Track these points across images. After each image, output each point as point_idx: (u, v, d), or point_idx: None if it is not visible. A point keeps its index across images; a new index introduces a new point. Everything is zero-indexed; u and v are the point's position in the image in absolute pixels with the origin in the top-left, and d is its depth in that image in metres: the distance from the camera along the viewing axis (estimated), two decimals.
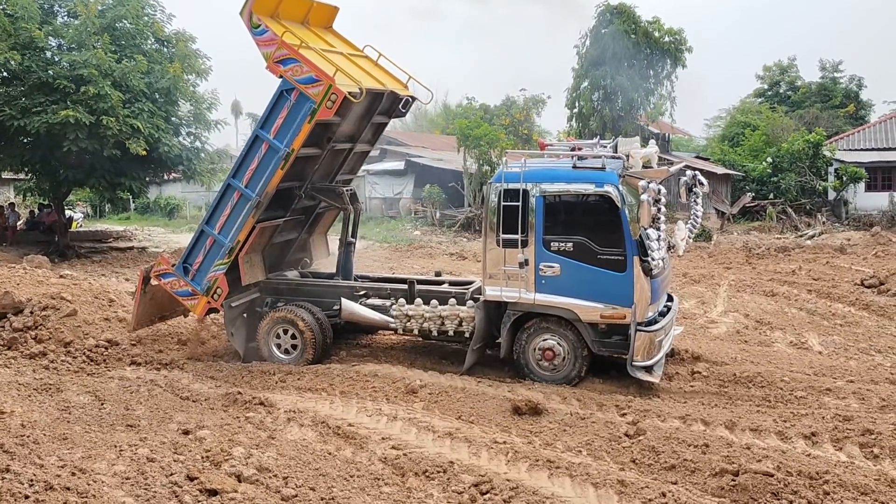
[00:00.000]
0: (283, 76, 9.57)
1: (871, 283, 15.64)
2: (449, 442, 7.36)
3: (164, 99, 21.40)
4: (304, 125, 9.64)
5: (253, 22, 9.62)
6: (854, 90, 50.42)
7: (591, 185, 9.01)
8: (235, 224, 10.27)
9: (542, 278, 9.16)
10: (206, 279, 10.54)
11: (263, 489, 6.25)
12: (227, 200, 10.35)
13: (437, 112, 69.14)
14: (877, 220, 30.13)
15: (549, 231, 9.14)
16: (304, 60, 9.45)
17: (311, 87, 9.42)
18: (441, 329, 10.01)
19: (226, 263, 10.43)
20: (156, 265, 10.86)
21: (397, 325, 10.22)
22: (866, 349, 11.41)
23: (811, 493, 5.97)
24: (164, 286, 10.72)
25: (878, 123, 39.58)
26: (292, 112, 9.70)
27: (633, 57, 33.24)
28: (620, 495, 6.16)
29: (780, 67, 54.20)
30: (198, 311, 10.78)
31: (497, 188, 9.36)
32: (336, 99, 9.37)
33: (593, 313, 9.01)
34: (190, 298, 10.64)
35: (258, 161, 10.03)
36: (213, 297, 10.56)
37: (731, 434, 7.40)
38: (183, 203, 43.86)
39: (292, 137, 9.74)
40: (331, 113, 9.54)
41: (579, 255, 8.99)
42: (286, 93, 9.70)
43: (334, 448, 7.28)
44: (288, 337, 10.54)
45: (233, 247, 10.33)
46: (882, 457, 6.72)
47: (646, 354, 8.88)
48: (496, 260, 9.38)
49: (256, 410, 8.35)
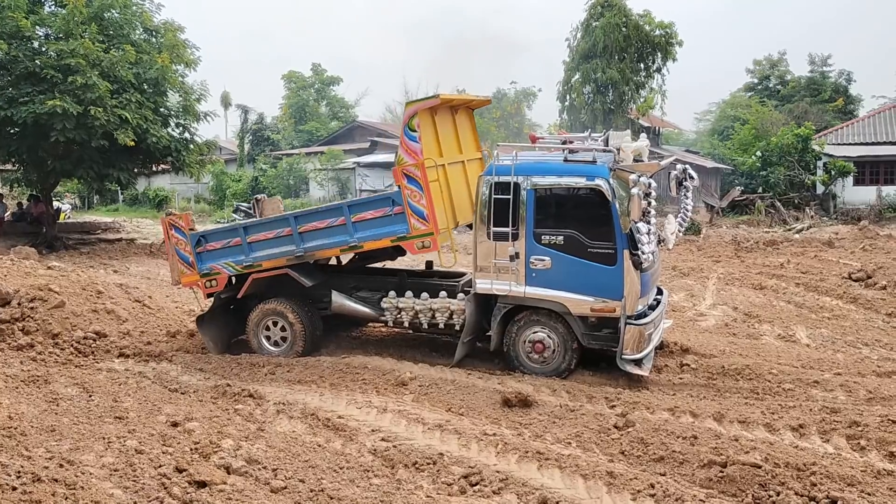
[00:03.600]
0: (401, 189, 9.41)
1: (858, 277, 15.70)
2: (439, 434, 7.36)
3: (153, 89, 21.29)
4: (386, 239, 9.68)
5: (411, 124, 9.46)
6: (843, 85, 50.71)
7: (581, 179, 9.01)
8: (267, 252, 10.26)
9: (532, 271, 9.16)
10: (210, 266, 10.53)
11: (253, 481, 6.23)
12: (275, 227, 10.30)
13: None
14: (865, 214, 30.32)
15: (540, 224, 9.14)
16: (428, 199, 9.30)
17: (417, 220, 9.37)
18: (431, 322, 9.99)
19: (236, 270, 10.45)
20: (177, 216, 10.77)
21: (388, 318, 10.18)
22: (853, 342, 11.48)
23: (798, 484, 5.99)
24: (170, 237, 10.64)
25: (867, 118, 39.77)
26: (385, 221, 9.65)
27: (624, 50, 33.32)
28: (609, 486, 6.17)
29: (769, 62, 54.45)
30: (183, 281, 10.78)
31: (488, 181, 9.34)
32: (429, 247, 9.43)
33: (583, 306, 9.03)
34: (184, 265, 10.60)
35: (325, 225, 9.95)
36: (207, 284, 10.53)
37: (719, 426, 7.43)
38: (172, 195, 43.70)
39: (368, 238, 9.78)
40: (415, 251, 9.59)
41: (570, 248, 9.00)
42: (393, 201, 9.57)
43: (324, 440, 7.27)
44: (277, 329, 10.51)
45: (251, 264, 10.32)
46: (868, 448, 6.76)
47: (635, 347, 8.91)
48: (487, 253, 9.38)
49: (245, 402, 8.34)
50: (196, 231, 10.68)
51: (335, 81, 60.44)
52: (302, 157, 41.56)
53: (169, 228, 10.69)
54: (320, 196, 39.05)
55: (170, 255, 10.84)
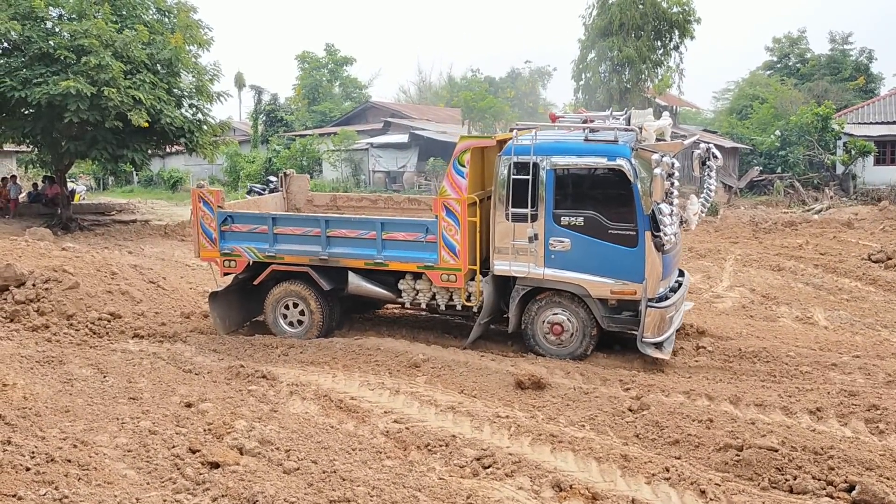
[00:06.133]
0: (438, 220, 9.37)
1: (878, 258, 15.49)
2: (451, 416, 7.33)
3: (166, 70, 21.21)
4: (413, 264, 9.66)
5: (461, 159, 9.37)
6: (864, 63, 49.91)
7: (603, 159, 8.84)
8: (292, 247, 10.23)
9: (551, 253, 9.04)
10: (232, 246, 10.52)
11: (265, 462, 6.22)
12: (305, 224, 10.25)
13: (441, 84, 68.77)
14: (885, 195, 29.86)
15: (560, 205, 9.00)
16: (463, 235, 9.28)
17: (448, 253, 9.36)
18: (449, 303, 9.89)
19: (258, 258, 10.42)
20: (208, 191, 10.74)
21: (405, 299, 10.09)
22: (872, 324, 11.32)
23: (815, 468, 5.91)
24: (198, 210, 10.63)
25: (888, 97, 39.10)
26: (416, 246, 9.60)
27: (641, 28, 32.86)
28: (624, 469, 6.12)
29: (789, 39, 53.66)
30: (202, 255, 10.78)
31: (507, 161, 9.19)
32: (454, 281, 9.44)
33: (603, 289, 8.90)
34: (207, 240, 10.60)
35: (355, 236, 9.89)
36: (226, 264, 10.56)
37: (735, 409, 7.35)
38: (186, 176, 43.79)
39: (395, 259, 9.72)
40: (439, 283, 9.57)
41: (590, 229, 8.86)
42: (428, 229, 9.52)
43: (336, 421, 7.26)
44: (296, 311, 10.47)
45: (273, 255, 10.30)
46: (888, 432, 6.66)
47: (656, 331, 8.78)
48: (505, 234, 9.26)
49: (259, 384, 8.33)
50: (224, 209, 10.64)
51: (348, 62, 60.17)
52: (315, 138, 41.44)
53: (198, 201, 10.64)
54: (333, 177, 38.96)
55: (195, 227, 10.80)
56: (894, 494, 5.40)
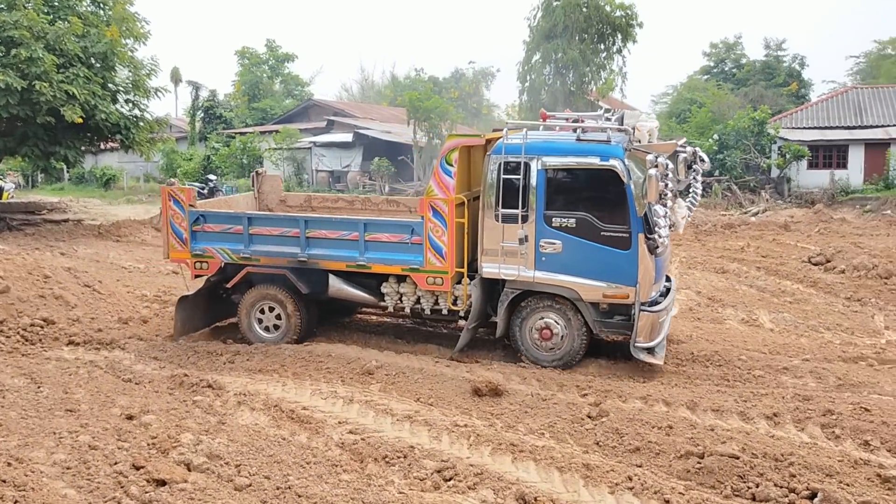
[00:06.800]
0: (424, 220, 9.07)
1: (817, 261, 15.87)
2: (408, 425, 7.12)
3: (101, 64, 20.50)
4: (397, 266, 9.37)
5: (449, 157, 9.05)
6: (797, 69, 51.51)
7: (595, 159, 8.60)
8: (269, 248, 9.84)
9: (542, 255, 8.81)
10: (204, 247, 10.09)
11: (215, 478, 5.94)
12: (282, 225, 9.87)
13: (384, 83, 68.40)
14: (818, 198, 30.79)
15: (551, 206, 8.77)
16: (450, 237, 9.01)
17: (434, 255, 9.07)
18: (434, 308, 9.58)
19: (232, 259, 10.01)
20: (179, 189, 10.26)
21: (388, 304, 9.75)
22: (815, 326, 11.54)
23: (777, 475, 5.90)
24: (168, 209, 10.15)
25: (820, 102, 40.35)
26: (400, 248, 9.31)
27: (585, 31, 33.17)
28: (587, 479, 6.01)
29: (725, 45, 55.09)
30: (171, 256, 10.34)
31: (497, 160, 8.91)
32: (441, 284, 9.17)
33: (596, 292, 8.70)
34: (177, 240, 10.16)
35: (336, 237, 9.55)
36: (197, 265, 10.15)
37: (693, 415, 7.33)
38: (120, 174, 42.47)
39: (378, 261, 9.42)
40: (424, 286, 9.26)
41: (582, 231, 8.64)
42: (413, 230, 9.21)
43: (288, 433, 6.98)
44: (272, 315, 10.08)
45: (248, 257, 9.90)
46: (843, 437, 6.71)
47: (648, 336, 8.62)
48: (494, 235, 9.00)
49: (204, 393, 7.99)
50: (196, 209, 10.19)
51: (290, 58, 59.34)
52: (256, 136, 40.65)
53: (167, 200, 10.17)
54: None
55: (164, 226, 10.33)
56: (856, 501, 5.42)
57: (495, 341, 9.84)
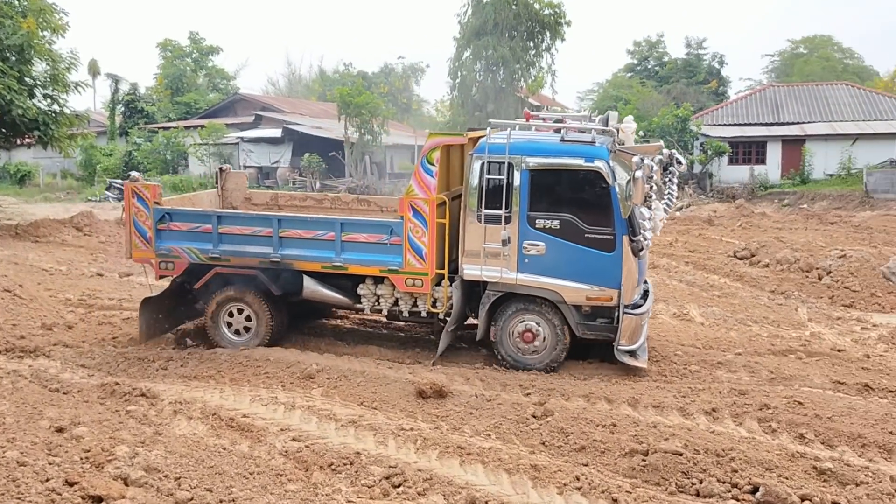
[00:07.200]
0: (404, 220, 8.89)
1: (742, 255, 16.39)
2: (353, 431, 7.01)
3: (17, 57, 19.52)
4: (375, 267, 9.15)
5: (430, 157, 8.80)
6: (716, 67, 53.16)
7: (580, 160, 8.52)
8: (239, 248, 9.48)
9: (525, 257, 8.68)
10: (169, 247, 9.67)
11: (154, 492, 5.68)
12: (254, 224, 9.52)
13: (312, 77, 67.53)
14: (739, 193, 31.90)
15: (535, 207, 8.65)
16: (431, 237, 8.86)
17: (414, 256, 8.90)
18: (413, 310, 9.38)
19: (199, 259, 9.60)
20: (143, 185, 9.77)
21: (365, 305, 9.51)
22: (743, 320, 11.90)
23: (719, 470, 6.04)
24: (131, 206, 9.69)
25: (739, 100, 41.82)
26: (378, 248, 9.08)
27: (514, 28, 33.41)
28: (535, 480, 6.03)
29: (649, 43, 56.40)
30: (134, 256, 9.92)
31: (479, 160, 8.77)
32: (420, 286, 8.99)
33: (579, 295, 8.63)
34: (140, 239, 9.73)
35: (311, 236, 9.26)
36: (162, 266, 9.76)
37: (635, 412, 7.44)
38: (35, 170, 40.63)
39: (356, 262, 9.19)
40: (403, 287, 9.10)
41: (566, 233, 8.56)
42: (392, 230, 9.00)
43: (229, 442, 6.77)
44: (242, 317, 9.74)
45: (217, 257, 9.52)
46: (780, 431, 6.92)
47: (631, 338, 8.61)
48: (476, 237, 8.83)
49: (138, 403, 7.67)
50: (162, 206, 9.76)
51: (214, 51, 57.90)
52: (180, 131, 39.54)
53: (131, 196, 9.71)
54: (201, 172, 37.27)
55: (127, 224, 9.86)
56: (796, 495, 5.59)
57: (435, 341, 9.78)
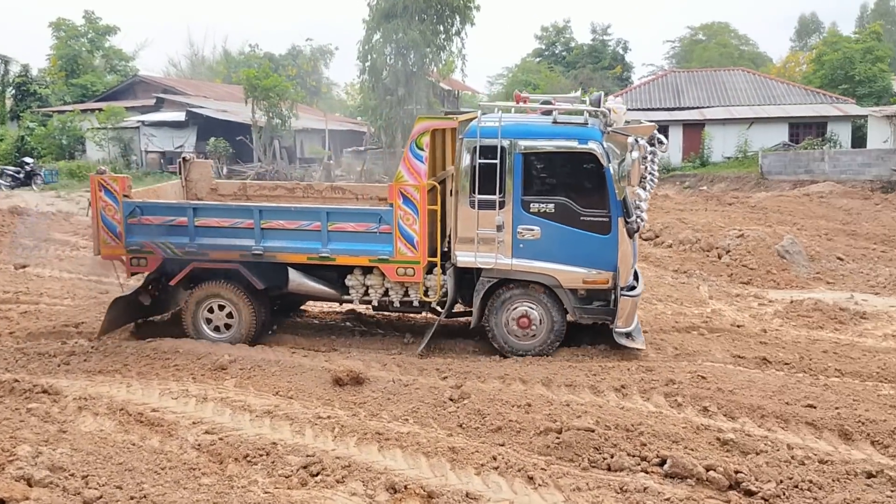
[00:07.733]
0: (393, 207, 8.62)
1: (647, 236, 16.92)
2: (269, 421, 6.92)
3: None
4: (364, 257, 8.89)
5: (419, 141, 8.48)
6: (620, 53, 54.58)
7: (574, 142, 8.43)
8: (218, 241, 9.03)
9: (519, 242, 8.56)
10: (141, 242, 9.14)
11: (60, 492, 5.48)
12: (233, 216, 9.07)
13: (216, 59, 65.60)
14: None
15: (529, 191, 8.52)
16: (422, 225, 8.63)
17: (405, 244, 8.67)
18: (404, 299, 9.14)
19: (175, 254, 9.11)
20: (110, 177, 9.20)
21: (353, 297, 9.22)
22: (649, 298, 12.27)
23: (629, 444, 6.26)
24: (98, 199, 9.15)
25: (642, 86, 42.99)
26: (367, 238, 8.82)
27: (424, 12, 33.30)
28: (453, 462, 6.10)
29: (556, 28, 57.29)
30: (103, 252, 9.36)
31: (471, 144, 8.57)
32: (412, 276, 8.77)
33: (575, 278, 8.56)
34: (109, 235, 9.19)
35: (296, 227, 8.91)
36: (133, 262, 9.26)
37: (549, 391, 7.61)
38: None
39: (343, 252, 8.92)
40: (394, 277, 8.87)
41: (561, 216, 8.47)
42: (381, 218, 8.72)
43: (138, 438, 6.59)
44: (223, 314, 9.31)
45: (194, 251, 9.03)
46: (684, 405, 7.21)
47: (627, 320, 8.61)
48: (469, 223, 8.66)
49: (39, 400, 7.37)
50: (132, 199, 9.23)
51: (111, 31, 55.28)
52: (76, 115, 37.70)
53: (98, 189, 9.14)
54: (99, 157, 35.68)
55: (95, 219, 9.27)
56: (701, 465, 5.85)
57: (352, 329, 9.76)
